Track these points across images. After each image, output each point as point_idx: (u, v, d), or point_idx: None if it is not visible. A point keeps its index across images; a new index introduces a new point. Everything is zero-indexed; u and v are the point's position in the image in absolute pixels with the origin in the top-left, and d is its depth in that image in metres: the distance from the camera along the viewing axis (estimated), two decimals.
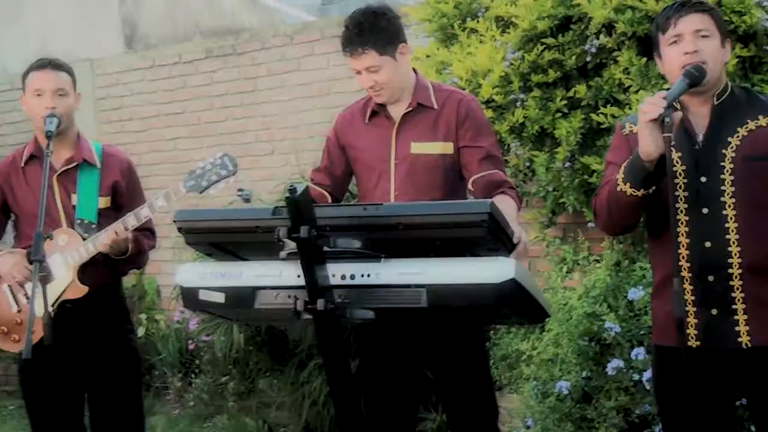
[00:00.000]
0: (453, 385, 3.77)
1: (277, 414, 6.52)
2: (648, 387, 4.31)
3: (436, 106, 3.74)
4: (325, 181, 3.94)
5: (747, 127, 3.07)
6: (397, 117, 3.76)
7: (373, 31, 3.61)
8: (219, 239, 2.94)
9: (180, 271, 2.97)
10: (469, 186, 3.69)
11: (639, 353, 4.37)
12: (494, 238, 2.72)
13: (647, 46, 4.74)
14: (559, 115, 5.21)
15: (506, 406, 5.01)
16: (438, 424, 5.62)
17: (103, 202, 4.11)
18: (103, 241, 3.92)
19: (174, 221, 2.93)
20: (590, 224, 5.32)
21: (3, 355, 7.67)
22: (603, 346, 4.66)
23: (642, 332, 4.51)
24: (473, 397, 3.76)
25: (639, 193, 3.00)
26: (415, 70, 3.84)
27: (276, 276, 2.81)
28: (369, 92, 3.73)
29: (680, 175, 3.04)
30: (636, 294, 4.59)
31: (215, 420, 6.86)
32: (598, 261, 5.23)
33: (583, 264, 5.34)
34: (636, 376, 4.43)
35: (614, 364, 4.47)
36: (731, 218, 3.00)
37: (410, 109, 3.74)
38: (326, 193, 3.91)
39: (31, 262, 3.66)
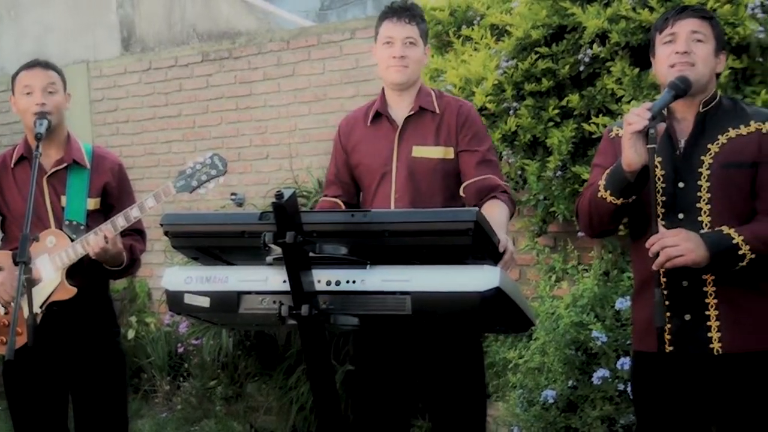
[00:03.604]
0: (442, 394, 3.73)
1: (265, 418, 6.53)
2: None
3: (437, 111, 3.78)
4: (336, 191, 3.93)
5: (727, 135, 3.09)
6: (400, 120, 3.78)
7: (419, 17, 3.75)
8: (205, 243, 2.93)
9: (166, 274, 2.97)
10: (461, 192, 3.71)
11: (624, 363, 4.39)
12: (480, 246, 2.73)
13: (640, 57, 4.75)
14: (551, 124, 5.22)
15: (492, 414, 5.03)
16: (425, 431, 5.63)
17: (93, 203, 4.09)
18: (90, 242, 3.89)
19: (161, 224, 2.94)
20: (580, 234, 5.33)
21: None
22: (589, 356, 4.67)
23: (628, 342, 4.50)
24: (461, 407, 3.72)
25: (618, 202, 3.05)
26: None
27: (261, 281, 2.81)
28: (393, 65, 3.73)
29: (659, 180, 3.07)
30: (623, 304, 4.61)
31: (203, 424, 6.84)
32: (587, 270, 5.24)
33: (572, 273, 5.35)
34: (621, 386, 4.45)
35: (600, 374, 4.49)
36: (706, 224, 3.03)
37: (412, 112, 3.77)
38: (339, 202, 3.90)
39: (16, 264, 3.65)
